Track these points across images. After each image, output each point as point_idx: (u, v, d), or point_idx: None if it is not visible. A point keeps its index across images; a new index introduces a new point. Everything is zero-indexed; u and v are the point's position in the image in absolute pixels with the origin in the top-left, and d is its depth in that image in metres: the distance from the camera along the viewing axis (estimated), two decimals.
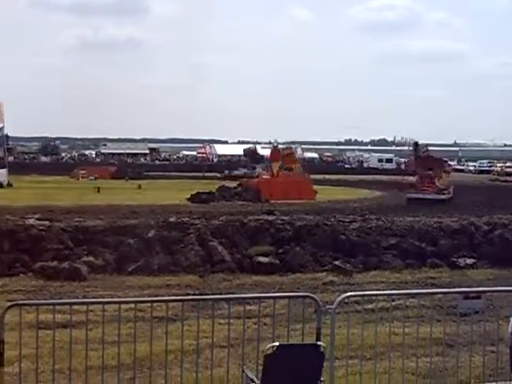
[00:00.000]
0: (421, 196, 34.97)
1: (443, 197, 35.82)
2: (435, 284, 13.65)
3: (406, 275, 14.69)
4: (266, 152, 68.46)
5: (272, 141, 76.50)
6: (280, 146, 52.75)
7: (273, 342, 5.76)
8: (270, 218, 17.59)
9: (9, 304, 6.35)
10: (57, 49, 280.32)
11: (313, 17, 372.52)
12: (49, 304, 7.50)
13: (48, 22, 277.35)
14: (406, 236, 16.59)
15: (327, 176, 57.09)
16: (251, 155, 74.14)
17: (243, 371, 6.14)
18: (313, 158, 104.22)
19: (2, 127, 45.75)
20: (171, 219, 16.42)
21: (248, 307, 7.04)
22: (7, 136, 51.92)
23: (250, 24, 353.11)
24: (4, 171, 44.75)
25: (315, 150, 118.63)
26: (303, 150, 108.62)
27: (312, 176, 43.20)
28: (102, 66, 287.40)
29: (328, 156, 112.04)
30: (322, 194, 35.65)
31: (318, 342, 5.77)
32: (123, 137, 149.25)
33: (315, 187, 37.76)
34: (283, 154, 48.91)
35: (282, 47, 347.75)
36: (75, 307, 6.97)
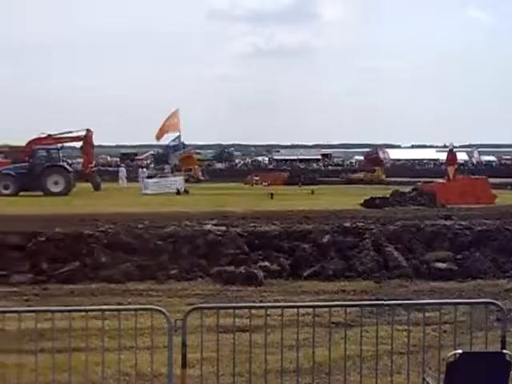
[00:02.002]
0: None
1: None
2: None
3: None
4: (441, 156, 67.17)
5: (447, 144, 74.58)
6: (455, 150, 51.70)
7: (454, 349, 5.55)
8: (448, 222, 17.08)
9: (190, 308, 6.51)
10: (231, 57, 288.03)
11: (489, 19, 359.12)
12: (229, 308, 7.64)
13: (224, 32, 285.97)
14: None
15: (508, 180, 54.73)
16: (372, 160, 73.22)
17: (424, 378, 6.00)
18: (490, 161, 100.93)
19: (179, 136, 47.45)
20: (346, 224, 16.30)
21: (427, 314, 6.83)
22: (184, 144, 53.72)
23: (420, 26, 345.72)
24: (181, 178, 46.39)
25: (493, 153, 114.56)
26: (480, 153, 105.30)
27: (490, 180, 41.60)
28: (275, 73, 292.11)
29: (507, 159, 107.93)
30: (501, 198, 34.24)
31: (504, 351, 5.48)
32: (296, 143, 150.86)
33: (494, 191, 36.38)
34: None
35: (457, 49, 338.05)
36: (253, 311, 7.05)
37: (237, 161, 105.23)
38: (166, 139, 49.39)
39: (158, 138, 48.68)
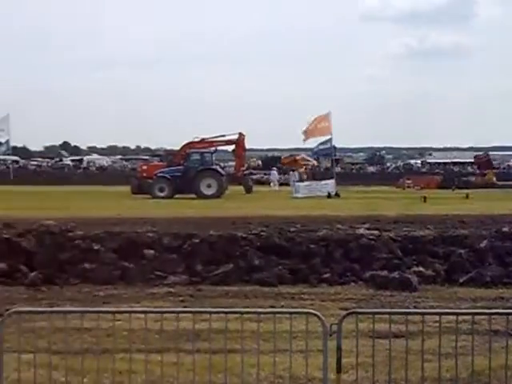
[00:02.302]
0: None
1: None
2: None
3: None
4: None
5: None
6: None
7: None
8: None
9: (346, 312, 6.46)
10: (383, 58, 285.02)
11: None
12: (384, 313, 7.52)
13: (375, 33, 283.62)
14: None
15: None
16: (483, 163, 69.93)
17: None
18: None
19: (330, 139, 47.36)
20: (504, 229, 15.70)
21: None
22: (335, 147, 53.60)
23: None
24: (332, 182, 46.31)
25: None
26: None
27: None
28: (428, 74, 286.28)
29: None
30: None
31: None
32: (449, 145, 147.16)
33: None
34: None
35: None
36: (409, 317, 6.92)
37: (388, 164, 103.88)
38: (314, 142, 49.37)
39: (306, 140, 48.80)
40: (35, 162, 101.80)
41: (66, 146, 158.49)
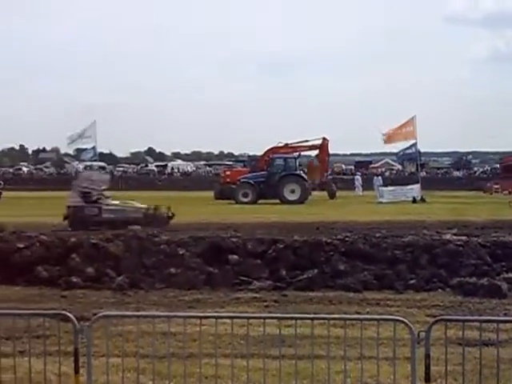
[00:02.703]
0: None
1: None
2: None
3: None
4: None
5: None
6: None
7: None
8: None
9: (434, 319, 6.33)
10: (469, 61, 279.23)
11: None
12: (474, 321, 7.37)
13: (460, 35, 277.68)
14: None
15: None
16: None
17: None
18: None
19: (415, 143, 46.75)
20: None
21: None
22: (419, 152, 52.88)
23: None
24: (417, 186, 45.69)
25: None
26: None
27: None
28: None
29: None
30: None
31: None
32: None
33: None
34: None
35: None
36: (500, 325, 6.74)
37: (475, 168, 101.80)
38: (398, 147, 48.83)
39: (388, 143, 48.30)
40: (121, 168, 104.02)
41: (150, 151, 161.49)
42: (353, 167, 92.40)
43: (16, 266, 13.94)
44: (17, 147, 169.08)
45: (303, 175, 45.86)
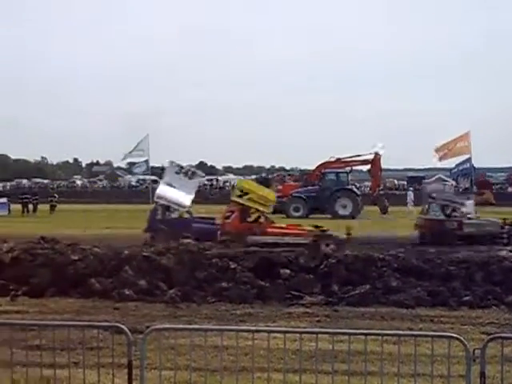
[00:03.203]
0: None
1: None
2: None
3: None
4: None
5: None
6: None
7: None
8: None
9: (489, 337, 6.23)
10: None
11: None
12: None
13: None
14: None
15: None
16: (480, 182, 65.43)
17: None
18: None
19: (469, 158, 46.12)
20: None
21: None
22: (474, 167, 52.14)
23: None
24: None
25: None
26: None
27: None
28: None
29: None
30: None
31: None
32: None
33: None
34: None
35: None
36: None
37: None
38: (453, 162, 48.21)
39: (441, 159, 47.71)
40: None
41: (202, 165, 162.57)
42: (405, 182, 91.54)
43: (70, 278, 14.13)
44: (71, 160, 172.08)
45: (355, 190, 45.63)
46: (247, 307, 12.80)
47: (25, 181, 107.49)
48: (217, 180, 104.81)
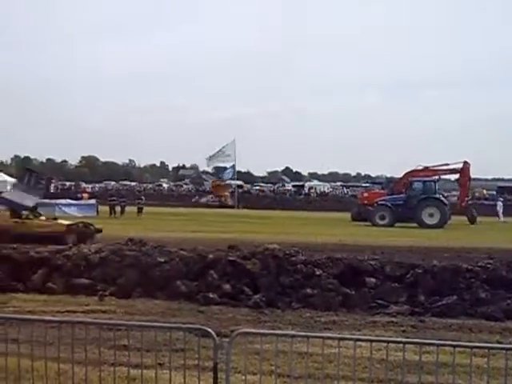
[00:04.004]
0: None
1: None
2: None
3: None
4: None
5: None
6: None
7: None
8: None
9: None
10: None
11: None
12: None
13: None
14: None
15: None
16: None
17: None
18: None
19: None
20: None
21: None
22: None
23: None
24: None
25: None
26: None
27: None
28: None
29: None
30: None
31: None
32: None
33: None
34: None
35: None
36: None
37: None
38: None
39: None
40: (258, 187, 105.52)
41: (287, 171, 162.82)
42: (495, 192, 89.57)
43: (157, 280, 14.34)
44: (158, 164, 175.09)
45: (443, 199, 44.91)
46: (332, 314, 12.72)
47: (113, 183, 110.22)
48: (302, 186, 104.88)
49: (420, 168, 48.01)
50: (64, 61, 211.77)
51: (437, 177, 46.75)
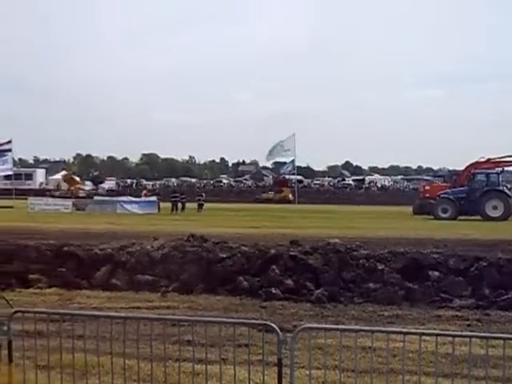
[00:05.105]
0: None
1: None
2: None
3: None
4: None
5: None
6: None
7: None
8: None
9: None
10: None
11: None
12: None
13: None
14: None
15: None
16: None
17: None
18: None
19: None
20: None
21: None
22: None
23: None
24: None
25: None
26: None
27: None
28: None
29: None
30: None
31: None
32: None
33: None
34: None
35: None
36: None
37: None
38: None
39: None
40: (318, 182, 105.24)
41: (347, 165, 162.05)
42: None
43: (219, 276, 14.42)
44: (217, 160, 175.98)
45: (507, 191, 44.09)
46: (395, 309, 12.61)
47: (173, 179, 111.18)
48: (363, 180, 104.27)
49: (483, 160, 47.17)
50: (128, 58, 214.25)
51: (500, 169, 45.88)
